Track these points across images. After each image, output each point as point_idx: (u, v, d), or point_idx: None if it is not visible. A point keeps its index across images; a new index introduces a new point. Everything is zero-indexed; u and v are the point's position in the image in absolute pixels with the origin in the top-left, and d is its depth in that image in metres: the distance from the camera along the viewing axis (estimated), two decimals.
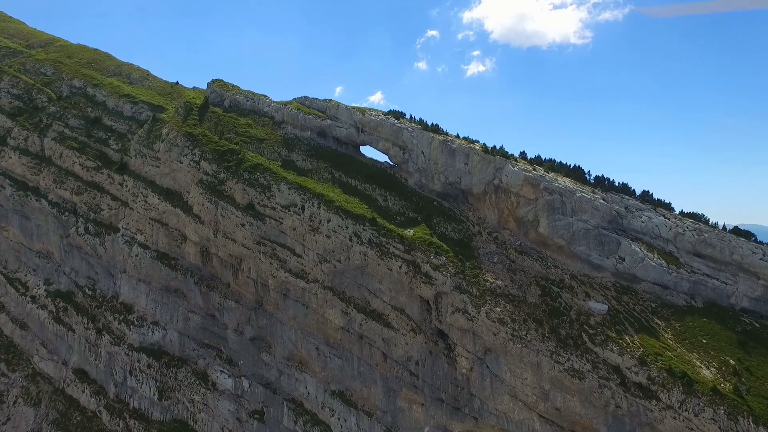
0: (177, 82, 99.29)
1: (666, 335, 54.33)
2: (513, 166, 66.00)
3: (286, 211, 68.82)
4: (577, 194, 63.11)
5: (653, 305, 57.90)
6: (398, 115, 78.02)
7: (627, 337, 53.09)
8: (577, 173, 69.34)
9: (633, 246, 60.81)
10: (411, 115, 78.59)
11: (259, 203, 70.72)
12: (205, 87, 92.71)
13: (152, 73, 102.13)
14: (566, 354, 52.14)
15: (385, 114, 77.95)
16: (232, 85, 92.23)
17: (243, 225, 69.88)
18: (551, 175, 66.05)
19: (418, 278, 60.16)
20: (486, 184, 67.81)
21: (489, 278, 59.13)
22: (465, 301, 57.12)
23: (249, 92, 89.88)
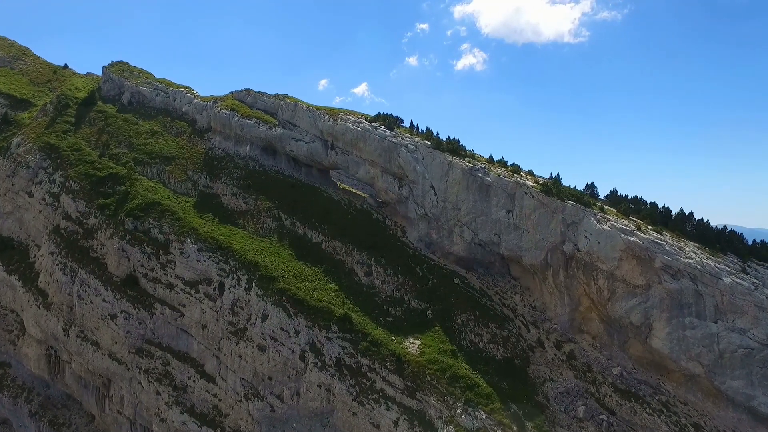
0: (65, 66, 68.02)
1: None
2: (599, 222, 36.42)
3: (192, 292, 38.41)
4: (725, 279, 33.85)
5: None
6: (392, 121, 47.63)
7: None
8: (688, 225, 39.73)
9: None
10: (413, 123, 48.41)
11: (146, 275, 40.17)
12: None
13: (33, 51, 70.49)
14: None
15: (371, 120, 47.51)
16: (140, 71, 61.35)
17: (114, 316, 39.21)
18: (669, 237, 36.45)
19: None
20: (548, 251, 38.32)
21: None
22: None
23: (163, 81, 59.04)
